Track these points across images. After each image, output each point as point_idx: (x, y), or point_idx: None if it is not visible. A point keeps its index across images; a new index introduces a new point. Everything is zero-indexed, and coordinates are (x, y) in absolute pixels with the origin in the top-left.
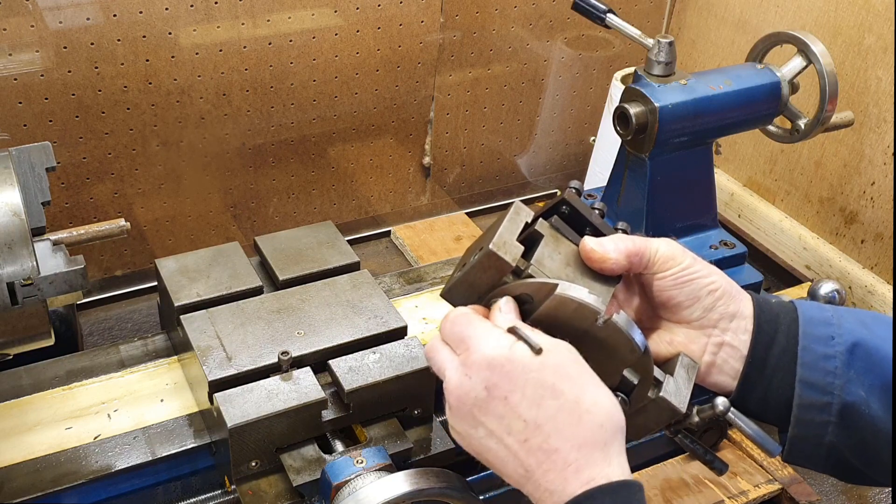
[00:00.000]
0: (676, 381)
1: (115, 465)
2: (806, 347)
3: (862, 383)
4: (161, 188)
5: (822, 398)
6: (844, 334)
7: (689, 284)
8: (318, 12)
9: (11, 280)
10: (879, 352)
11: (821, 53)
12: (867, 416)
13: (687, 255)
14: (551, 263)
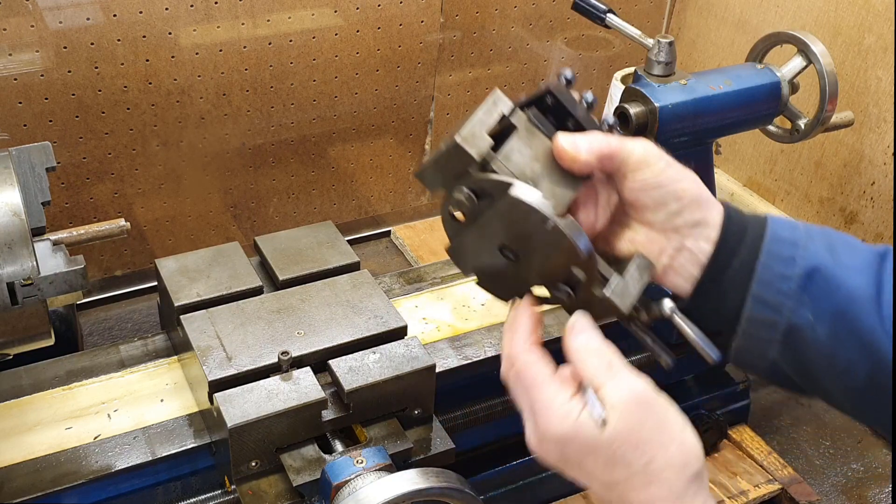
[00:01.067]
0: (626, 281)
1: (115, 465)
2: (765, 265)
3: (812, 308)
4: (161, 188)
5: (771, 316)
6: (807, 257)
7: (657, 190)
8: (318, 12)
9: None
10: (836, 280)
11: (821, 53)
12: (811, 340)
13: (662, 159)
14: (519, 158)
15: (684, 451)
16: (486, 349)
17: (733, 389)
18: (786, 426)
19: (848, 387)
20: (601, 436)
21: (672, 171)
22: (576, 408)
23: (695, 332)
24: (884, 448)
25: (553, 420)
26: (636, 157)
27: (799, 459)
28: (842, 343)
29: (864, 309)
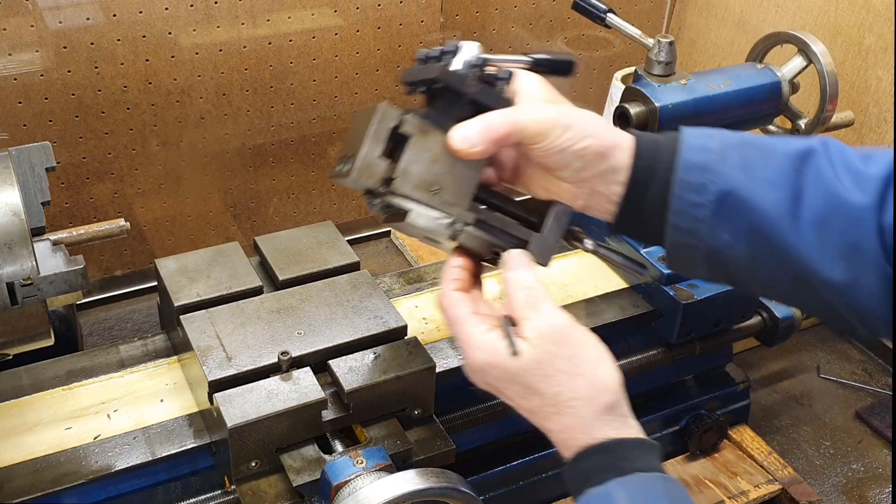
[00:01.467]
0: (545, 236)
1: (115, 465)
2: (677, 196)
3: (728, 229)
4: (161, 188)
5: (690, 240)
6: (718, 181)
7: (559, 154)
8: (317, 12)
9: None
10: (749, 200)
11: (821, 53)
12: (732, 259)
13: (558, 125)
14: (418, 168)
15: (594, 384)
16: None
17: (733, 390)
18: (786, 426)
19: (776, 292)
20: (514, 365)
21: (571, 132)
22: (492, 339)
23: (618, 259)
24: (884, 448)
25: (472, 352)
26: (531, 130)
27: (799, 460)
28: (762, 258)
29: (779, 224)
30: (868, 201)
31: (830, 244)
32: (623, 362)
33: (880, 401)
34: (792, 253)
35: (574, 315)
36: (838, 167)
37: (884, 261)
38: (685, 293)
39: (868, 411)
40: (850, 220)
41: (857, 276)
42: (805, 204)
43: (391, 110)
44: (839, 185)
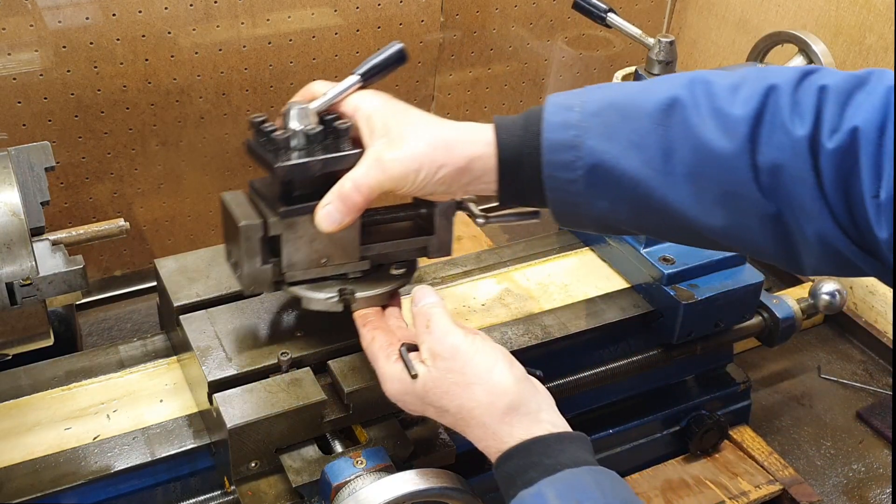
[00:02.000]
0: (438, 235)
1: (115, 465)
2: (550, 176)
3: (605, 198)
4: (160, 188)
5: (573, 210)
6: (584, 156)
7: (422, 190)
8: (317, 12)
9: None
10: (618, 168)
11: (822, 53)
12: (617, 222)
13: (409, 171)
14: (301, 255)
15: (490, 390)
16: None
17: (734, 390)
18: (787, 427)
19: (669, 239)
20: (418, 387)
21: (424, 171)
22: (399, 368)
23: (513, 219)
24: (885, 449)
25: (386, 384)
26: (387, 186)
27: (800, 460)
28: (644, 217)
29: (652, 184)
30: (736, 146)
31: (707, 193)
32: (623, 362)
33: (881, 401)
34: (671, 209)
35: (574, 315)
36: (704, 112)
37: (762, 200)
38: (686, 293)
39: (869, 412)
40: (721, 168)
41: (738, 220)
42: (676, 158)
43: (252, 225)
44: (707, 132)
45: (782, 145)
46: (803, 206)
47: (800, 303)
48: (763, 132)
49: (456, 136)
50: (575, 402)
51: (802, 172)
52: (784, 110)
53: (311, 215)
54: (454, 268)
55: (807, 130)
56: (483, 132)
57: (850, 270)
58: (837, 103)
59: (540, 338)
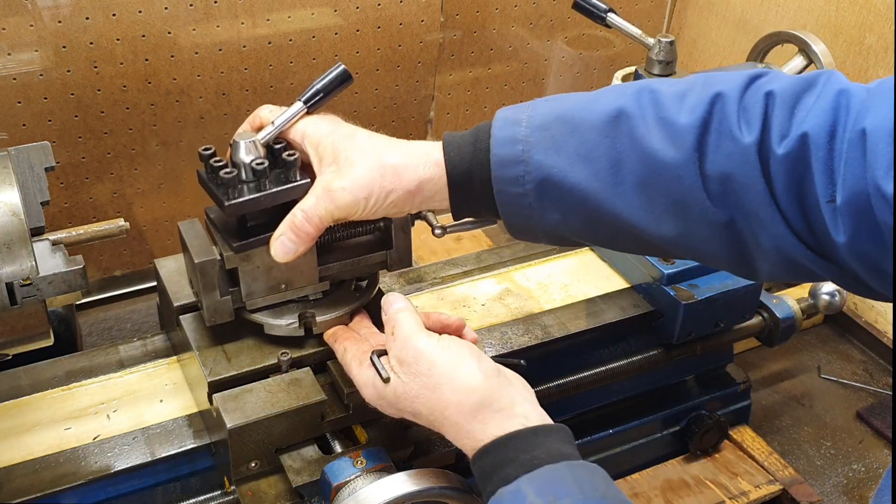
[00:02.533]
0: (397, 247)
1: (115, 465)
2: (500, 191)
3: (557, 209)
4: (160, 188)
5: (526, 224)
6: (533, 171)
7: (374, 214)
8: (317, 11)
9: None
10: (566, 181)
11: (822, 53)
12: (568, 233)
13: (358, 199)
14: (259, 284)
15: (458, 389)
16: (486, 349)
17: (734, 390)
18: (787, 427)
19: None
20: (390, 392)
21: (374, 198)
22: (369, 375)
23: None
24: (885, 449)
25: (363, 390)
26: (338, 214)
27: (800, 460)
28: (597, 228)
29: (601, 195)
30: (683, 155)
31: (657, 203)
32: (623, 362)
33: (881, 401)
34: (621, 220)
35: (574, 315)
36: (651, 122)
37: (712, 208)
38: (686, 293)
39: (869, 411)
40: (669, 177)
41: (689, 229)
42: (624, 169)
43: (208, 261)
44: (654, 142)
45: (731, 153)
46: (755, 213)
47: (800, 303)
48: (710, 141)
49: (404, 161)
50: (575, 402)
51: (752, 180)
52: (731, 118)
53: (266, 246)
54: (454, 268)
55: (755, 137)
56: (432, 153)
57: (807, 276)
58: (785, 108)
59: (540, 338)
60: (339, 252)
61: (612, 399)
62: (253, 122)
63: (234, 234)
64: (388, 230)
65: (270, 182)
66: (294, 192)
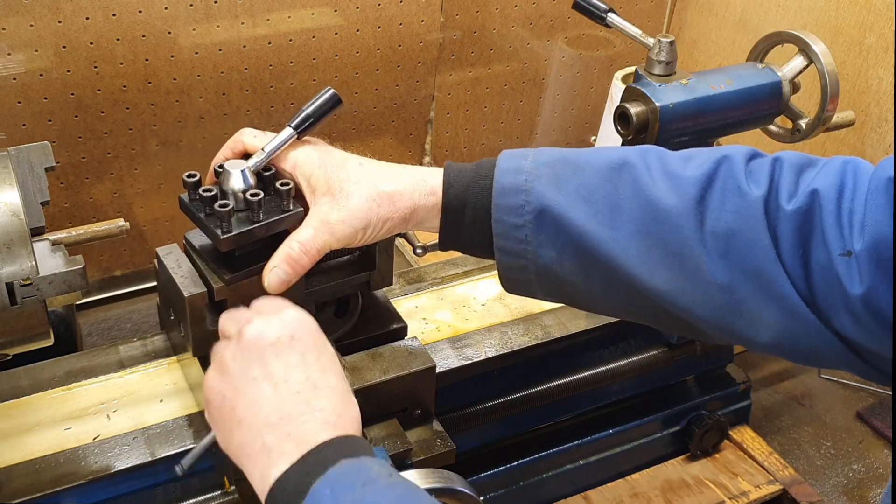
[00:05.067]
0: (379, 269)
1: (115, 465)
2: (498, 220)
3: (552, 246)
4: (160, 188)
5: (519, 261)
6: (533, 201)
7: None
8: (317, 11)
9: (10, 280)
10: (564, 216)
11: (822, 53)
12: (563, 275)
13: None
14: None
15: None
16: (487, 349)
17: (734, 390)
18: (787, 427)
19: (614, 307)
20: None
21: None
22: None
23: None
24: (885, 449)
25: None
26: (339, 244)
27: (800, 460)
28: (590, 272)
29: (598, 237)
30: (685, 205)
31: (653, 252)
32: (623, 362)
33: (881, 401)
34: (616, 264)
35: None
36: (656, 173)
37: (711, 266)
38: None
39: (869, 412)
40: (668, 226)
41: (682, 284)
42: (624, 214)
43: (198, 295)
44: (656, 190)
45: (737, 208)
46: (759, 272)
47: None
48: (714, 196)
49: (399, 188)
50: (575, 403)
51: (758, 235)
52: (738, 175)
53: (254, 278)
54: (454, 268)
55: (762, 192)
56: (427, 179)
57: (805, 351)
58: (792, 172)
59: (540, 338)
60: (323, 274)
61: (612, 399)
62: (235, 147)
63: (223, 265)
64: (370, 251)
65: (262, 213)
66: (288, 221)
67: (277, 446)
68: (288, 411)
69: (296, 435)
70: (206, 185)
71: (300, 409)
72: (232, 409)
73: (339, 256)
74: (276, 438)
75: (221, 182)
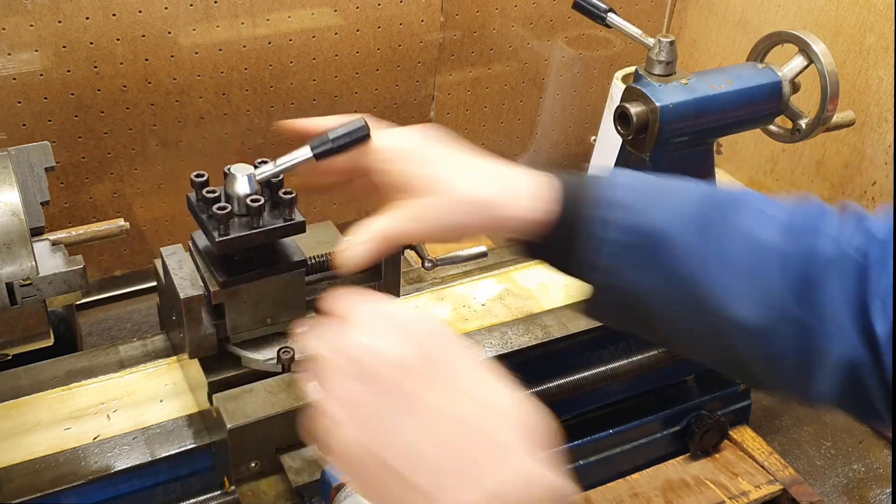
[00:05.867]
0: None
1: (115, 465)
2: (600, 237)
3: (650, 269)
4: (160, 188)
5: (614, 282)
6: (641, 221)
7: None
8: (317, 11)
9: (10, 280)
10: (673, 239)
11: (822, 53)
12: (651, 303)
13: (450, 234)
14: (245, 318)
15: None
16: (487, 349)
17: (734, 390)
18: (787, 427)
19: (691, 341)
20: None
21: (464, 235)
22: None
23: (460, 258)
24: (885, 449)
25: None
26: (427, 241)
27: (800, 460)
28: (679, 300)
29: (693, 261)
30: (788, 245)
31: (749, 288)
32: (623, 362)
33: None
34: (709, 293)
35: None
36: (751, 208)
37: (793, 303)
38: None
39: None
40: (769, 263)
41: (772, 322)
42: (722, 247)
43: (195, 297)
44: (758, 228)
45: (826, 249)
46: (835, 317)
47: None
48: (807, 236)
49: (500, 196)
50: (575, 403)
51: (848, 281)
52: (831, 217)
53: (254, 282)
54: (454, 268)
55: (861, 241)
56: (532, 187)
57: (867, 408)
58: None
59: (540, 338)
60: (328, 283)
61: (612, 399)
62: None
63: (221, 268)
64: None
65: (264, 219)
66: (287, 230)
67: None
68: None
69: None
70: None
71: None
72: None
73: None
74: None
75: (226, 184)
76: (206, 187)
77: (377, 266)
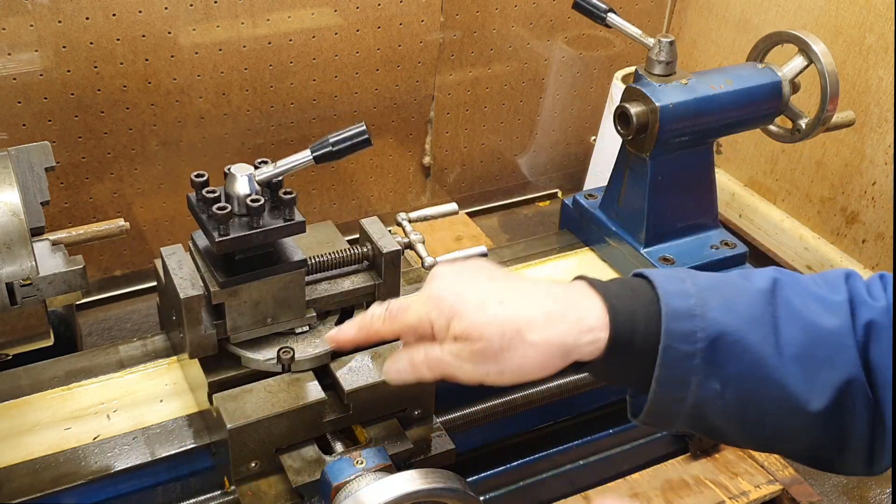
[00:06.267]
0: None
1: (115, 465)
2: (668, 347)
3: (719, 376)
4: (160, 188)
5: (678, 393)
6: (707, 328)
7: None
8: (317, 11)
9: (10, 280)
10: (739, 343)
11: (822, 53)
12: (720, 408)
13: (498, 380)
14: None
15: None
16: None
17: None
18: None
19: (755, 438)
20: None
21: (531, 350)
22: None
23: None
24: None
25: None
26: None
27: None
28: (751, 403)
29: (768, 362)
30: (844, 325)
31: (816, 375)
32: None
33: None
34: (781, 391)
35: None
36: (804, 294)
37: (865, 382)
38: None
39: None
40: (830, 347)
41: (843, 404)
42: (784, 338)
43: (194, 297)
44: (811, 313)
45: (866, 317)
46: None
47: None
48: (861, 315)
49: (558, 340)
50: (575, 403)
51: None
52: (858, 282)
53: (253, 282)
54: None
55: (886, 302)
56: (584, 316)
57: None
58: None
59: None
60: (328, 284)
61: (611, 399)
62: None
63: (221, 268)
64: (377, 263)
65: (264, 219)
66: (287, 231)
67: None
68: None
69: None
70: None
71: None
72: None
73: (346, 265)
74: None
75: (227, 185)
76: (206, 187)
77: (377, 266)
